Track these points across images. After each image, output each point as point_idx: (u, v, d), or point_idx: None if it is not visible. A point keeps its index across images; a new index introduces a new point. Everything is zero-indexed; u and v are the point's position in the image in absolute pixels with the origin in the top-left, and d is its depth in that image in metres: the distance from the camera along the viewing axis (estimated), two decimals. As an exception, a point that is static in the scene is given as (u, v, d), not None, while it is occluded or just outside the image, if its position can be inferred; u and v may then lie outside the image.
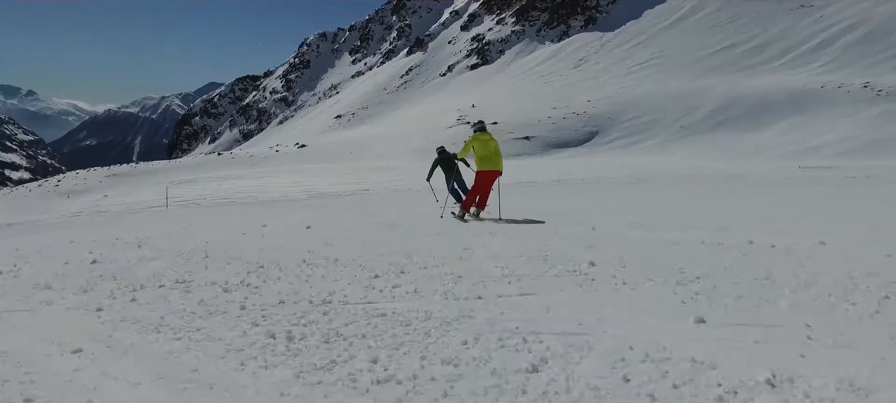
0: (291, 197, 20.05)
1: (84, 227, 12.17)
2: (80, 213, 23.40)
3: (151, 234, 7.32)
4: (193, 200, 21.92)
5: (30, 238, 8.63)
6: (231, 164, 50.31)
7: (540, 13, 79.67)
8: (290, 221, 8.78)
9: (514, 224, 6.73)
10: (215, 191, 24.68)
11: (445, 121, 50.47)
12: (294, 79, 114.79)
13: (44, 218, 23.49)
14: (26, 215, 33.25)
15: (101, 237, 7.31)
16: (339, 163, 41.30)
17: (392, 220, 7.87)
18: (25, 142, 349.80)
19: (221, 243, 6.02)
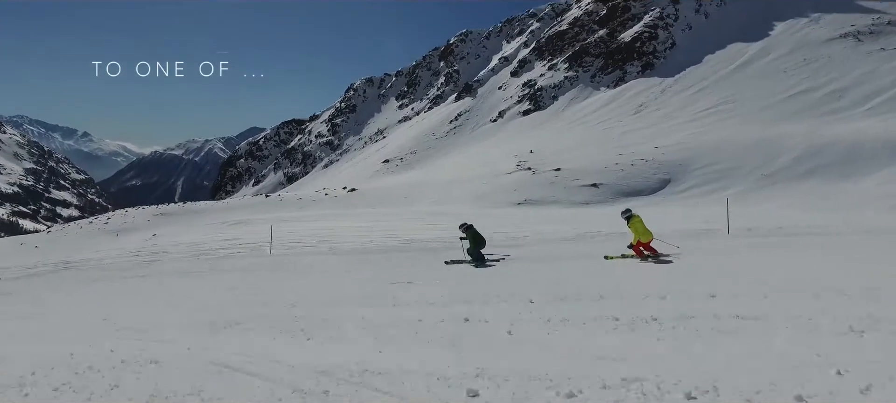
0: (380, 242, 19.32)
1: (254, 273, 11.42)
2: (138, 253, 23.16)
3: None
4: (279, 243, 21.46)
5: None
6: (280, 206, 50.83)
7: (593, 59, 79.68)
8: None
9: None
10: (287, 234, 24.30)
11: (505, 167, 49.97)
12: (340, 123, 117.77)
13: (110, 258, 23.40)
14: (82, 252, 33.88)
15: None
16: (396, 207, 40.97)
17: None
18: (77, 180, 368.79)
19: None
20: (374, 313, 6.79)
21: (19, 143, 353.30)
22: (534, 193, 39.65)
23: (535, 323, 5.70)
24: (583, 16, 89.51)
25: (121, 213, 74.54)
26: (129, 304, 9.66)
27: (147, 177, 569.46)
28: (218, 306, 8.44)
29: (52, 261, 22.46)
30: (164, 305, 9.16)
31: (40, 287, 12.67)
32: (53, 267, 19.22)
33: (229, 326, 6.66)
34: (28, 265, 24.19)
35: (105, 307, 9.13)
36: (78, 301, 10.47)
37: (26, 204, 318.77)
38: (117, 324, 7.20)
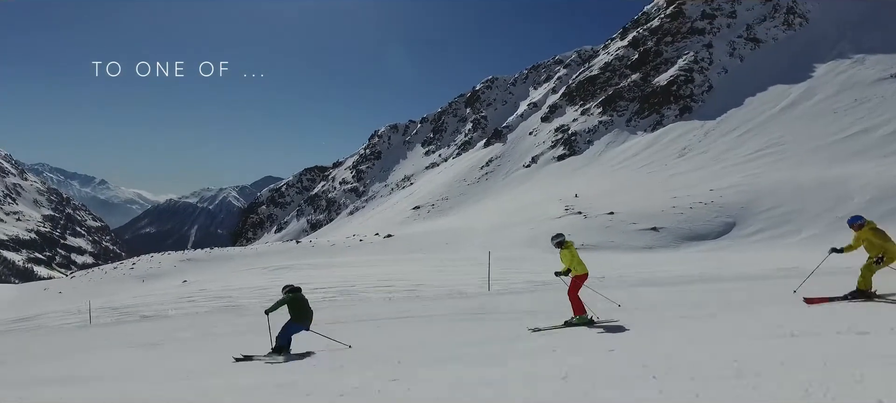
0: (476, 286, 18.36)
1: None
2: (195, 298, 22.13)
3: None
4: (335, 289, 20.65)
5: None
6: (313, 252, 50.25)
7: (628, 103, 79.82)
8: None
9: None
10: (350, 279, 23.33)
11: (551, 212, 49.23)
12: (365, 169, 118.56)
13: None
14: (114, 297, 33.11)
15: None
16: (443, 253, 40.16)
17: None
18: (93, 228, 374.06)
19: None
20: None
21: (39, 190, 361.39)
22: (589, 238, 38.57)
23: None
24: (613, 61, 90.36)
25: (146, 259, 74.32)
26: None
27: (161, 225, 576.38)
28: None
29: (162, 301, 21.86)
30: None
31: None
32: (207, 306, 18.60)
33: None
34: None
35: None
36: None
37: (42, 251, 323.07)
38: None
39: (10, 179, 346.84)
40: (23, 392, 6.57)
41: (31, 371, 8.98)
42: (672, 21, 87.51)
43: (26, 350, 12.65)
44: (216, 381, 6.61)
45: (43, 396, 6.22)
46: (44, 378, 7.74)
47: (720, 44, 79.99)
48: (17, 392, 6.66)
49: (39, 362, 9.97)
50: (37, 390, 6.68)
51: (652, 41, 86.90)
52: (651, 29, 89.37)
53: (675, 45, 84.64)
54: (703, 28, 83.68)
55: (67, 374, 8.06)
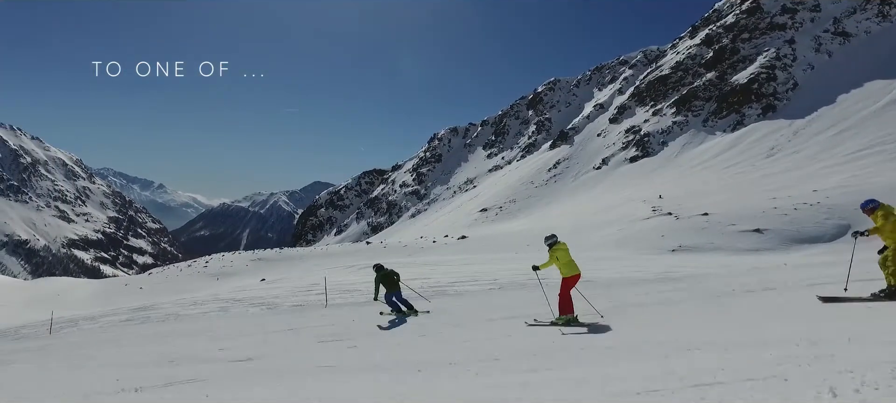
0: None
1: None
2: (313, 290, 22.74)
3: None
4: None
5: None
6: (385, 253, 50.85)
7: (703, 103, 77.55)
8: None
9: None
10: (448, 276, 23.64)
11: (637, 213, 48.33)
12: (426, 172, 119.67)
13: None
14: (200, 292, 34.33)
15: None
16: (524, 253, 40.01)
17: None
18: (152, 229, 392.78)
19: None
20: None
21: (105, 193, 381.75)
22: (686, 239, 37.59)
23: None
24: (686, 60, 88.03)
25: (217, 258, 77.25)
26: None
27: (214, 228, 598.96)
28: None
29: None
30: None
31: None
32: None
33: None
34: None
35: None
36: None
37: (108, 251, 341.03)
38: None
39: (80, 182, 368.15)
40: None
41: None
42: (749, 17, 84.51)
43: (224, 331, 13.17)
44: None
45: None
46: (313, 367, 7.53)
47: (804, 39, 76.60)
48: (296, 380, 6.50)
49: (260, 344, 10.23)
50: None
51: (727, 38, 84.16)
52: (725, 26, 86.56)
53: (752, 41, 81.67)
54: (783, 23, 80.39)
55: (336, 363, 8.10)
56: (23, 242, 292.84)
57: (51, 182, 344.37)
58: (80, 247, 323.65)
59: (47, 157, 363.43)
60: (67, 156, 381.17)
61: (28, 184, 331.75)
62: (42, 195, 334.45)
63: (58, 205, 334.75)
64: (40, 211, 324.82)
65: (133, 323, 19.77)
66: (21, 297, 52.17)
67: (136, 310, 26.85)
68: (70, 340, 15.20)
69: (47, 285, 58.46)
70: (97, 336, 16.60)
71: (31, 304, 49.98)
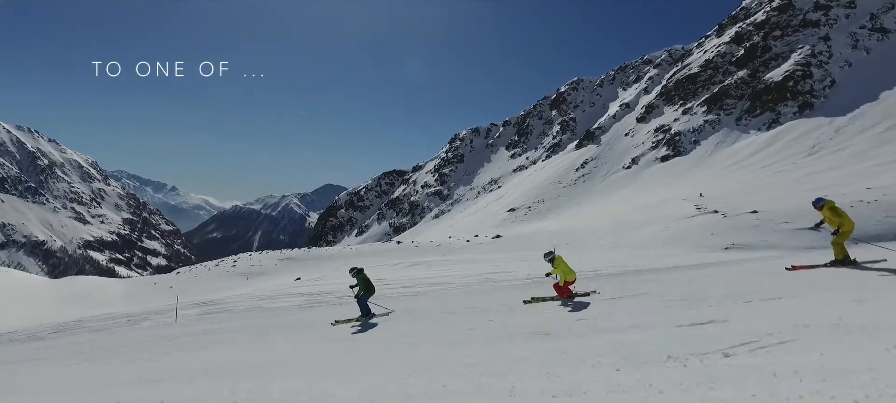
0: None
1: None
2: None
3: None
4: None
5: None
6: (418, 252, 50.75)
7: (736, 101, 76.74)
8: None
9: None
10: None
11: (683, 211, 47.89)
12: (448, 173, 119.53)
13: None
14: (235, 290, 34.25)
15: None
16: (568, 251, 39.71)
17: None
18: (166, 231, 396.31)
19: None
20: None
21: (120, 195, 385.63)
22: (738, 237, 37.10)
23: None
24: (715, 58, 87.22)
25: (245, 257, 77.39)
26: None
27: (227, 230, 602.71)
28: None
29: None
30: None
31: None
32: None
33: None
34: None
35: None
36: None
37: (122, 252, 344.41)
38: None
39: (95, 184, 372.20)
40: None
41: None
42: (780, 14, 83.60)
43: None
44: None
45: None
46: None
47: (839, 36, 75.59)
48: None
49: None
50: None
51: (758, 36, 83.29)
52: (756, 23, 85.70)
53: (784, 39, 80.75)
54: (817, 20, 79.41)
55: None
56: (40, 243, 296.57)
57: (67, 184, 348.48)
58: (95, 249, 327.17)
59: (64, 159, 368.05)
60: (83, 158, 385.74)
61: (45, 186, 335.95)
62: (58, 197, 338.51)
63: (74, 207, 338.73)
64: (57, 213, 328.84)
65: (254, 313, 20.40)
66: (53, 295, 52.68)
67: (208, 304, 27.13)
68: (232, 324, 15.55)
69: (74, 284, 58.99)
70: (230, 322, 16.80)
71: (68, 302, 50.43)
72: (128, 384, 7.20)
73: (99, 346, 13.01)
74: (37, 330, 29.38)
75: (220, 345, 10.73)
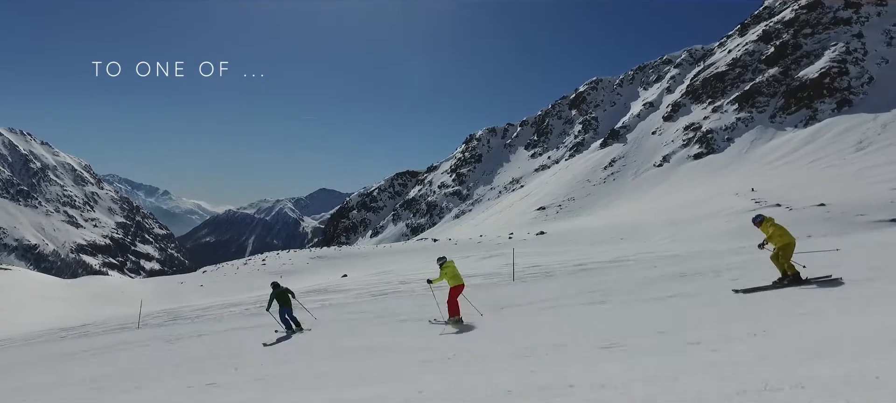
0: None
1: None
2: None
3: None
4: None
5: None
6: (455, 249, 49.98)
7: (768, 98, 76.66)
8: None
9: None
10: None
11: (738, 205, 47.58)
12: (466, 173, 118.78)
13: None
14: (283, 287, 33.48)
15: None
16: (626, 245, 39.20)
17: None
18: (160, 235, 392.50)
19: None
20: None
21: (113, 199, 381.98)
22: (813, 230, 36.52)
23: None
24: (743, 56, 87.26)
25: (273, 255, 76.27)
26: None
27: (220, 235, 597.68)
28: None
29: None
30: None
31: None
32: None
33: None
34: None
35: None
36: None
37: (115, 256, 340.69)
38: None
39: (88, 188, 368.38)
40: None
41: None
42: (809, 12, 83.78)
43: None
44: None
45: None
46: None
47: (872, 33, 75.82)
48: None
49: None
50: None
51: (788, 34, 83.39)
52: (784, 22, 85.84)
53: (815, 36, 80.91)
54: (847, 18, 79.66)
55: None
56: (32, 247, 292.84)
57: (60, 187, 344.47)
58: (88, 253, 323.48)
59: (57, 162, 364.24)
60: (76, 161, 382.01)
61: (37, 189, 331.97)
62: (51, 200, 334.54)
63: (67, 211, 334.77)
64: (49, 216, 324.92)
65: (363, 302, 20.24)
66: (77, 294, 51.41)
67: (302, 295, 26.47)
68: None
69: (95, 283, 57.78)
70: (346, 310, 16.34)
71: (98, 300, 49.25)
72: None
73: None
74: (126, 322, 28.51)
75: (386, 325, 11.72)
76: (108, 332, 25.31)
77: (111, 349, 14.67)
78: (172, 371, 9.17)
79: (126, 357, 12.32)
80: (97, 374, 9.97)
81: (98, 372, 10.22)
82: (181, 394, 7.02)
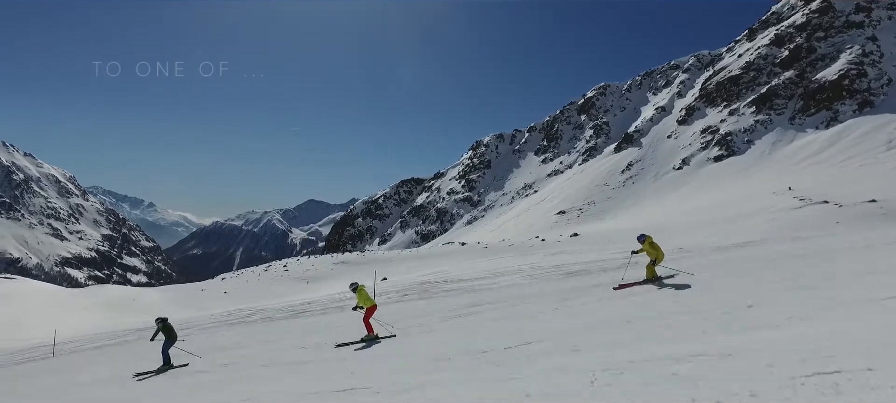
0: None
1: None
2: (498, 275, 21.71)
3: None
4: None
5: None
6: (487, 254, 49.62)
7: (786, 101, 77.46)
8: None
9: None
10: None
11: (780, 204, 47.68)
12: (476, 179, 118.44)
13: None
14: (298, 295, 32.86)
15: None
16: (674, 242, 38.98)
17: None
18: (146, 248, 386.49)
19: None
20: None
21: (99, 211, 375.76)
22: (872, 225, 36.72)
23: None
24: (757, 60, 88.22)
25: (293, 261, 75.17)
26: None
27: (207, 247, 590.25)
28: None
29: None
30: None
31: None
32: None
33: None
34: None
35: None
36: None
37: (101, 269, 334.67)
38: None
39: (73, 200, 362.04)
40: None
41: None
42: (821, 16, 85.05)
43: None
44: None
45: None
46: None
47: (886, 36, 77.13)
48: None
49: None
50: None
51: (800, 37, 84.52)
52: (796, 26, 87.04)
53: (828, 39, 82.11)
54: (860, 22, 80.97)
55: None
56: (14, 260, 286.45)
57: (44, 199, 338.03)
58: (73, 266, 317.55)
59: (40, 174, 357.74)
60: (60, 173, 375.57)
61: (20, 201, 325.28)
62: (35, 212, 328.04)
63: (50, 223, 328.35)
64: (33, 229, 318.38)
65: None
66: (87, 303, 50.02)
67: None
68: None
69: (104, 292, 56.37)
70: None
71: (111, 309, 47.96)
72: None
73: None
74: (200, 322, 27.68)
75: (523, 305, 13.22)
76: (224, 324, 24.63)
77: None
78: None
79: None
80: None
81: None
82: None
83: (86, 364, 16.94)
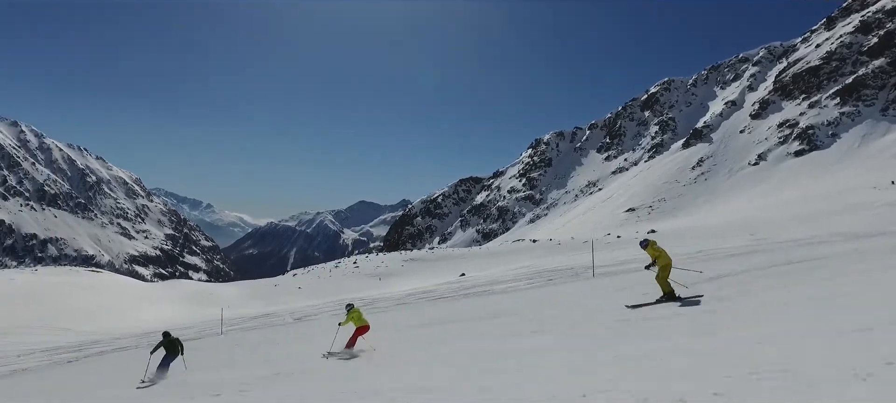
0: None
1: None
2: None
3: None
4: None
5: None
6: (559, 251, 48.99)
7: (876, 91, 73.42)
8: None
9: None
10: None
11: (888, 198, 45.44)
12: (537, 177, 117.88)
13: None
14: (369, 292, 32.90)
15: None
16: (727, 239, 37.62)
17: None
18: (206, 247, 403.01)
19: None
20: None
21: (162, 212, 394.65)
22: None
23: None
24: (839, 49, 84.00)
25: (364, 259, 76.74)
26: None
27: (262, 247, 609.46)
28: None
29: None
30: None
31: None
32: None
33: None
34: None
35: None
36: None
37: (165, 267, 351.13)
38: None
39: (139, 201, 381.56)
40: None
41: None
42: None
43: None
44: None
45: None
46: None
47: None
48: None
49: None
50: None
51: (892, 23, 79.85)
52: (886, 10, 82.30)
53: (920, 26, 77.36)
54: (957, 5, 75.97)
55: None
56: (90, 257, 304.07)
57: (113, 200, 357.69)
58: (140, 263, 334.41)
59: (110, 176, 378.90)
60: (128, 175, 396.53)
61: (93, 202, 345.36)
62: (106, 212, 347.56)
63: (120, 223, 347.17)
64: (104, 228, 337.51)
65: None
66: (175, 295, 52.61)
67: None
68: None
69: (180, 287, 59.28)
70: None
71: (191, 303, 50.40)
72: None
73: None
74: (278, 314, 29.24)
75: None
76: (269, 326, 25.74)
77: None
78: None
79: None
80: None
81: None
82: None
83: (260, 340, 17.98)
